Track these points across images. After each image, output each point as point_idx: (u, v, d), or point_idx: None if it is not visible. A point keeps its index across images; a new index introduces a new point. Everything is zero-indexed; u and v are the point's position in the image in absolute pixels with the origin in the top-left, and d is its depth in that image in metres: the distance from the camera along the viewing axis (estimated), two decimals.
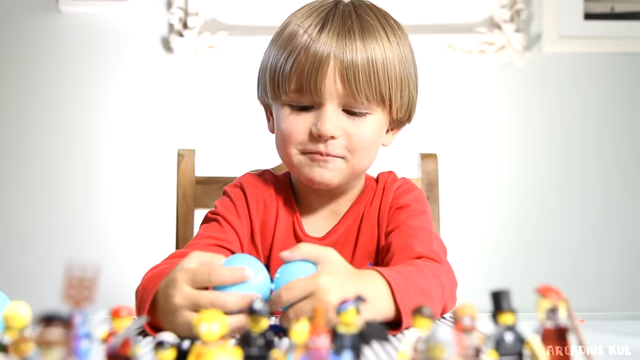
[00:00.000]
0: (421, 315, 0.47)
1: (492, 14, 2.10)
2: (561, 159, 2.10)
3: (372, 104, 0.94)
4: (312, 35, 0.93)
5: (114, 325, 0.49)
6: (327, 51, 0.91)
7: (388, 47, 0.95)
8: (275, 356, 0.48)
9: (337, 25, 0.94)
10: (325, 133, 0.92)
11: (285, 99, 0.95)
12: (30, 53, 2.10)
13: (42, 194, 2.08)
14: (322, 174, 0.95)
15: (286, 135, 0.95)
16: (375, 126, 0.97)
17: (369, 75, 0.92)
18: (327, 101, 0.92)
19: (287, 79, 0.94)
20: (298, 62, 0.93)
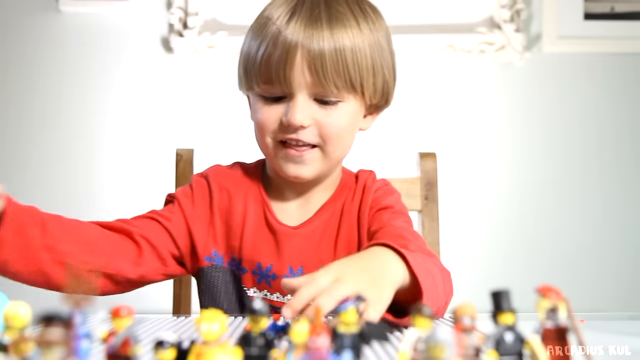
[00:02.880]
0: (421, 315, 0.47)
1: (492, 14, 2.10)
2: (561, 158, 2.10)
3: (343, 92, 0.94)
4: (281, 25, 0.93)
5: (114, 325, 0.49)
6: (295, 41, 0.92)
7: (358, 34, 0.94)
8: (275, 356, 0.48)
9: (305, 14, 0.94)
10: (294, 123, 0.92)
11: (258, 90, 0.96)
12: (30, 53, 2.10)
13: (42, 194, 2.08)
14: (297, 169, 0.96)
15: (260, 126, 0.97)
16: (348, 114, 0.96)
17: (337, 63, 0.92)
18: (297, 91, 0.93)
19: (257, 70, 0.95)
20: (267, 53, 0.93)
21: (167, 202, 1.05)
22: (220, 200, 1.03)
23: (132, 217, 1.02)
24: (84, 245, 0.93)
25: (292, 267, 1.00)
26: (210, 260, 1.02)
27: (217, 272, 1.02)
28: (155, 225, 1.01)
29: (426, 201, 1.32)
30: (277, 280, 0.99)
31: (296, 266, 1.00)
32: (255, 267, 1.01)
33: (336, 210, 1.03)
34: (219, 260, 1.03)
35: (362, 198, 1.03)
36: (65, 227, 0.93)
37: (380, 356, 0.59)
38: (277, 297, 1.00)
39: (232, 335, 0.72)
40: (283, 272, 1.00)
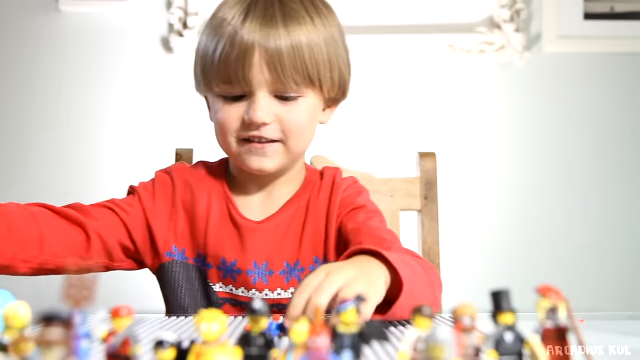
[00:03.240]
0: (421, 315, 0.47)
1: (492, 14, 2.10)
2: (561, 159, 2.10)
3: (302, 88, 0.96)
4: (236, 26, 0.94)
5: (114, 325, 0.49)
6: (252, 41, 0.93)
7: (313, 30, 0.96)
8: (275, 356, 0.48)
9: (260, 14, 0.95)
10: (256, 121, 0.94)
11: (217, 91, 0.97)
12: (30, 53, 2.10)
13: (42, 194, 2.08)
14: (261, 162, 0.97)
15: (222, 126, 0.98)
16: (308, 109, 0.98)
17: (295, 60, 0.93)
18: (257, 90, 0.94)
19: (216, 71, 0.96)
20: (225, 54, 0.94)
21: (129, 194, 1.06)
22: (183, 196, 1.04)
23: (90, 205, 1.02)
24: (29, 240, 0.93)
25: (256, 262, 1.01)
26: (171, 256, 1.03)
27: (177, 267, 1.03)
28: (112, 216, 1.01)
29: (426, 201, 1.32)
30: (242, 275, 1.00)
31: (260, 261, 1.01)
32: (220, 262, 1.01)
33: (301, 206, 1.03)
34: (180, 256, 1.03)
35: (331, 194, 1.03)
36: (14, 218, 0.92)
37: (380, 356, 0.59)
38: (242, 292, 1.01)
39: (232, 335, 0.72)
40: (247, 266, 1.00)
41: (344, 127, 2.09)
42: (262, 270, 1.00)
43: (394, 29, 2.09)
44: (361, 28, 2.09)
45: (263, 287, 1.01)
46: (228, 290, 1.02)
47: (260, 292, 1.01)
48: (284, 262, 1.01)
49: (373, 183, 1.33)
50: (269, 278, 1.01)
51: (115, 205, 1.02)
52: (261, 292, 1.01)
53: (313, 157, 1.32)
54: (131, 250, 1.03)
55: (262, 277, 1.01)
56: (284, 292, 1.01)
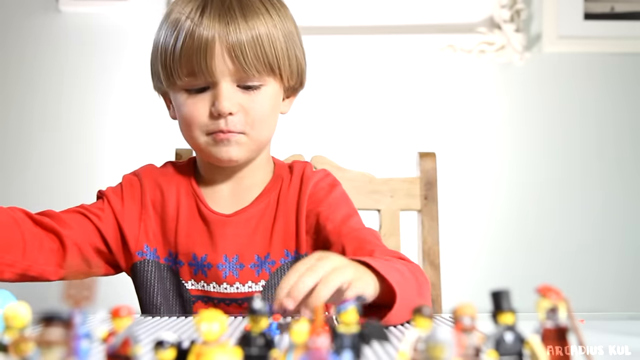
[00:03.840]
0: (421, 315, 0.47)
1: (492, 14, 2.10)
2: (561, 158, 2.10)
3: (264, 76, 0.98)
4: (195, 19, 0.96)
5: (114, 325, 0.49)
6: (212, 33, 0.95)
7: (270, 21, 0.98)
8: (275, 356, 0.48)
9: (217, 6, 0.97)
10: (223, 110, 0.95)
11: (180, 84, 0.98)
12: (30, 53, 2.10)
13: (42, 194, 2.08)
14: (228, 152, 0.98)
15: (188, 119, 0.99)
16: (270, 97, 1.00)
17: (255, 49, 0.96)
18: (221, 80, 0.96)
19: (178, 64, 0.97)
20: (186, 47, 0.95)
21: (98, 198, 1.07)
22: (153, 197, 1.05)
23: (62, 211, 1.03)
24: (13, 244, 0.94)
25: (227, 255, 1.01)
26: (142, 255, 1.04)
27: (149, 266, 1.04)
28: (85, 221, 1.02)
29: (426, 201, 1.32)
30: (213, 269, 1.01)
31: (231, 255, 1.02)
32: (191, 258, 1.02)
33: (272, 200, 1.04)
34: (151, 255, 1.04)
35: (300, 188, 1.04)
36: None
37: (380, 356, 0.59)
38: (213, 287, 1.01)
39: (232, 335, 0.72)
40: (218, 260, 1.01)
41: (344, 127, 2.09)
42: (233, 264, 1.01)
43: (394, 29, 2.09)
44: (361, 28, 2.09)
45: (234, 281, 1.01)
46: (200, 287, 1.02)
47: (231, 285, 1.01)
48: (255, 256, 1.02)
49: (373, 183, 1.33)
50: (239, 272, 1.01)
51: (86, 210, 1.03)
52: (232, 286, 1.01)
53: (313, 158, 1.32)
54: (105, 254, 1.04)
55: (232, 270, 1.01)
56: (255, 285, 1.01)
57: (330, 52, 2.08)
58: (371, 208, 1.33)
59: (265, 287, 1.01)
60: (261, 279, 1.01)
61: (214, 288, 1.02)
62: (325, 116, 2.10)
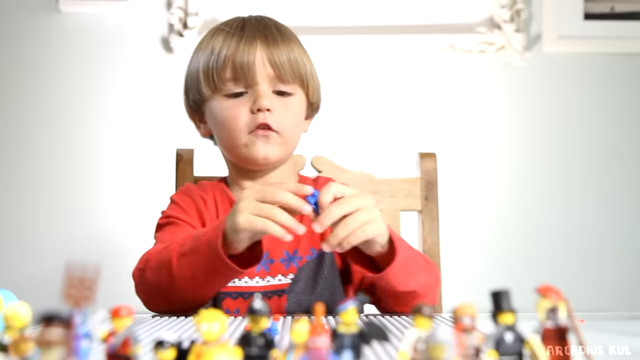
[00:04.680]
0: (421, 315, 0.47)
1: (492, 14, 2.10)
2: (561, 158, 2.10)
3: (296, 85, 1.11)
4: (237, 32, 1.10)
5: (114, 325, 0.49)
6: (254, 43, 1.09)
7: (300, 46, 1.14)
8: (275, 356, 0.48)
9: (255, 24, 1.12)
10: (263, 105, 1.06)
11: (222, 89, 1.09)
12: (30, 53, 2.10)
13: (42, 194, 2.08)
14: (266, 149, 1.09)
15: (230, 119, 1.09)
16: (299, 105, 1.13)
17: (290, 60, 1.10)
18: (260, 83, 1.08)
19: (221, 70, 1.09)
20: (229, 54, 1.08)
21: (163, 226, 1.11)
22: (200, 207, 1.13)
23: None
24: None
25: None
26: None
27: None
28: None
29: (426, 201, 1.32)
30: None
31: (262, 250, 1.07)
32: None
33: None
34: None
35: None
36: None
37: (380, 356, 0.59)
38: (245, 282, 1.07)
39: (232, 335, 0.72)
40: None
41: (344, 127, 2.09)
42: (264, 259, 1.06)
43: (394, 29, 2.09)
44: (361, 28, 2.09)
45: (265, 275, 1.08)
46: (230, 283, 1.05)
47: (263, 279, 1.08)
48: (284, 252, 1.10)
49: (373, 183, 1.33)
50: (269, 266, 1.09)
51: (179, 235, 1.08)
52: (263, 279, 1.08)
53: (313, 158, 1.33)
54: None
55: (263, 265, 1.08)
56: (284, 278, 1.08)
57: (330, 52, 2.08)
58: None
59: (293, 280, 1.08)
60: (290, 272, 1.09)
61: (245, 283, 1.07)
62: (326, 116, 2.09)
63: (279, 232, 0.85)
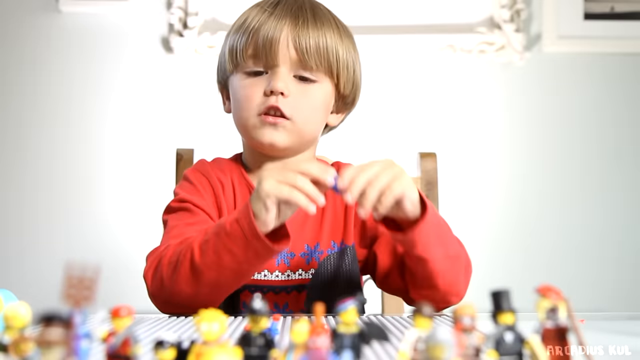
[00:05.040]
0: (421, 315, 0.47)
1: (492, 14, 2.10)
2: (561, 158, 2.10)
3: (321, 73, 1.04)
4: (268, 9, 1.05)
5: (114, 325, 0.49)
6: (282, 21, 1.03)
7: (336, 30, 1.06)
8: (275, 356, 0.48)
9: (291, 3, 1.06)
10: (276, 88, 1.01)
11: (243, 65, 1.04)
12: (30, 53, 2.10)
13: (41, 195, 2.08)
14: (272, 136, 1.03)
15: (243, 99, 1.04)
16: (322, 95, 1.06)
17: (318, 45, 1.03)
18: (281, 64, 1.02)
19: (244, 46, 1.04)
20: (256, 30, 1.03)
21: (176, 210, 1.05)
22: (218, 190, 1.07)
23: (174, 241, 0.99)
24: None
25: None
26: None
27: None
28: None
29: None
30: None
31: None
32: None
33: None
34: None
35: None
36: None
37: (380, 356, 0.59)
38: (264, 276, 1.03)
39: (232, 335, 0.72)
40: None
41: (344, 127, 2.09)
42: (284, 253, 1.03)
43: (394, 29, 2.09)
44: (361, 28, 2.09)
45: (285, 269, 1.04)
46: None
47: (283, 273, 1.04)
48: (305, 245, 1.05)
49: None
50: (290, 260, 1.04)
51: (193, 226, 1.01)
52: (283, 274, 1.04)
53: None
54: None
55: (284, 259, 1.04)
56: (305, 273, 1.04)
57: None
58: None
59: (314, 275, 1.04)
60: (311, 268, 1.05)
61: (264, 276, 1.03)
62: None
63: (303, 202, 0.83)
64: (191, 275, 0.89)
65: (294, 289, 1.04)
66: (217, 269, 0.87)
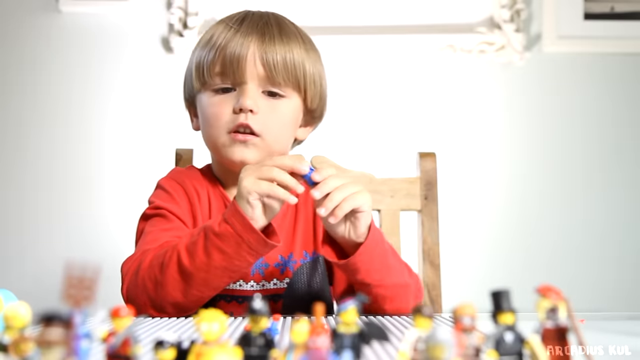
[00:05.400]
0: (421, 315, 0.47)
1: (492, 14, 2.10)
2: (561, 158, 2.10)
3: (289, 87, 1.05)
4: (234, 26, 1.06)
5: (114, 325, 0.49)
6: (249, 38, 1.04)
7: (302, 46, 1.07)
8: (275, 356, 0.48)
9: (256, 20, 1.07)
10: (245, 105, 1.01)
11: (210, 83, 1.05)
12: (30, 53, 2.10)
13: (41, 194, 2.08)
14: (243, 153, 1.03)
15: (212, 117, 1.05)
16: (290, 110, 1.07)
17: (285, 60, 1.04)
18: (249, 81, 1.03)
19: (211, 64, 1.04)
20: (222, 47, 1.04)
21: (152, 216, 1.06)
22: (194, 199, 1.08)
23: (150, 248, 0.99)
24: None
25: None
26: None
27: None
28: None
29: (426, 201, 1.32)
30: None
31: None
32: None
33: (291, 206, 1.09)
34: None
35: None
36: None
37: (380, 356, 0.59)
38: (239, 285, 1.04)
39: (232, 335, 0.72)
40: None
41: (344, 127, 2.09)
42: (259, 264, 1.05)
43: (394, 29, 2.09)
44: (361, 28, 2.09)
45: (260, 279, 1.05)
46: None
47: (258, 283, 1.05)
48: (279, 256, 1.07)
49: (373, 183, 1.33)
50: (264, 270, 1.06)
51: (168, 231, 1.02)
52: (258, 284, 1.05)
53: (313, 158, 1.32)
54: None
55: (258, 269, 1.05)
56: (280, 282, 1.06)
57: (330, 52, 2.08)
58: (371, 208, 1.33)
59: (289, 285, 1.05)
60: (285, 277, 1.06)
61: (240, 286, 1.04)
62: (326, 116, 2.10)
63: (283, 194, 0.86)
64: (180, 278, 0.90)
65: (269, 299, 1.04)
66: (208, 269, 0.89)
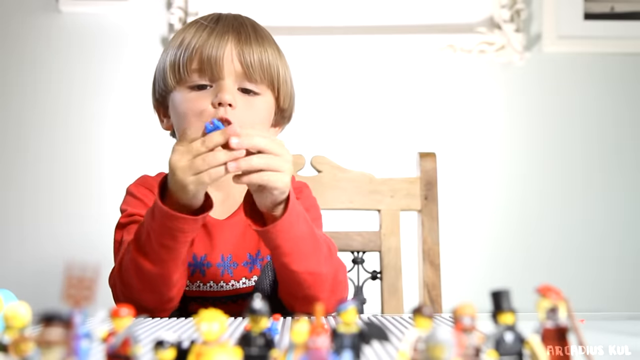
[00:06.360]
0: (421, 314, 0.47)
1: (492, 14, 2.10)
2: (561, 158, 2.10)
3: (264, 85, 1.07)
4: (210, 24, 1.07)
5: (114, 325, 0.49)
6: (225, 36, 1.05)
7: (275, 49, 1.10)
8: (275, 356, 0.48)
9: (231, 20, 1.09)
10: (225, 100, 1.02)
11: (186, 80, 1.05)
12: (30, 53, 2.10)
13: (41, 195, 2.08)
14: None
15: (189, 111, 1.05)
16: (266, 106, 1.09)
17: (261, 59, 1.06)
18: (226, 77, 1.04)
19: (188, 60, 1.05)
20: (199, 45, 1.05)
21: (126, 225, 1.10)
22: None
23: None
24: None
25: (223, 255, 1.09)
26: None
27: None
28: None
29: (426, 201, 1.32)
30: (212, 268, 1.08)
31: (226, 254, 1.09)
32: (191, 259, 1.07)
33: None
34: None
35: None
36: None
37: (380, 356, 0.59)
38: (210, 287, 1.07)
39: (232, 335, 0.72)
40: (216, 260, 1.08)
41: (344, 127, 2.09)
42: (228, 263, 1.07)
43: (394, 29, 2.09)
44: (361, 28, 2.09)
45: (229, 279, 1.07)
46: (194, 287, 1.07)
47: (227, 283, 1.07)
48: (247, 254, 1.09)
49: (373, 183, 1.33)
50: (233, 270, 1.08)
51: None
52: (228, 284, 1.07)
53: (313, 158, 1.32)
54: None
55: (227, 269, 1.07)
56: (248, 281, 1.08)
57: (330, 52, 2.08)
58: (371, 208, 1.33)
59: (257, 282, 1.08)
60: (253, 275, 1.08)
61: (210, 287, 1.06)
62: (326, 116, 2.10)
63: (222, 172, 0.87)
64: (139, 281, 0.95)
65: (239, 298, 1.07)
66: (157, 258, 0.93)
